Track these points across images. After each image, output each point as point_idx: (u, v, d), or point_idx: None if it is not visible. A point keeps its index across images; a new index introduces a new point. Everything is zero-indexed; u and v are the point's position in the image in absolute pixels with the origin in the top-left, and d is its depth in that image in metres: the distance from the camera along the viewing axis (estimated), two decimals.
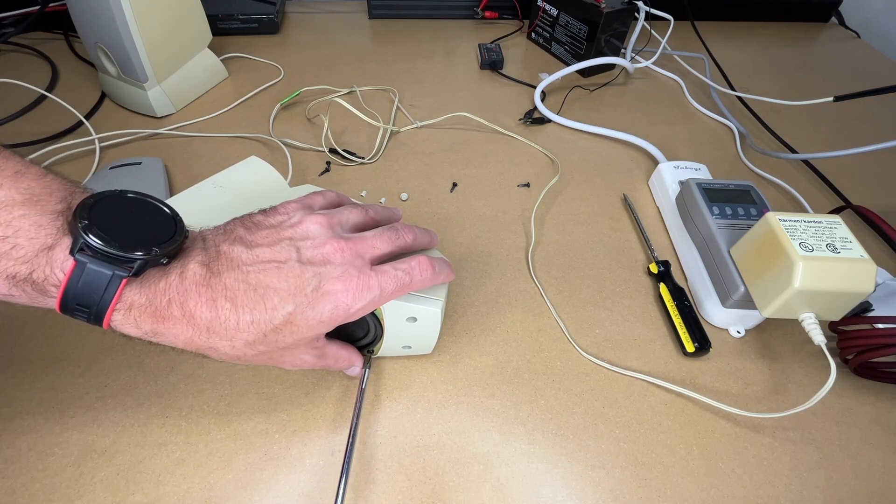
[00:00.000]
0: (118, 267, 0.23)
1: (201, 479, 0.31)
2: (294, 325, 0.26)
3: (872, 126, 0.65)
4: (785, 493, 0.32)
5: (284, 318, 0.25)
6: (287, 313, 0.25)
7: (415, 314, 0.32)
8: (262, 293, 0.25)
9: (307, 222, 0.28)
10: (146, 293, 0.24)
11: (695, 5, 0.81)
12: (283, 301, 0.25)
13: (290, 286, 0.26)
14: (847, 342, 0.37)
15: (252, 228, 0.28)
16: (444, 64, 0.73)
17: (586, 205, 0.51)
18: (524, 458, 0.33)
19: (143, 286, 0.24)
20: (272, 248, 0.27)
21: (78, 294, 0.22)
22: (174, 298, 0.24)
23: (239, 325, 0.25)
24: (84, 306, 0.23)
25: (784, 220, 0.35)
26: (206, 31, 0.61)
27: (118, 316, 0.24)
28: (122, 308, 0.23)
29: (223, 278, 0.25)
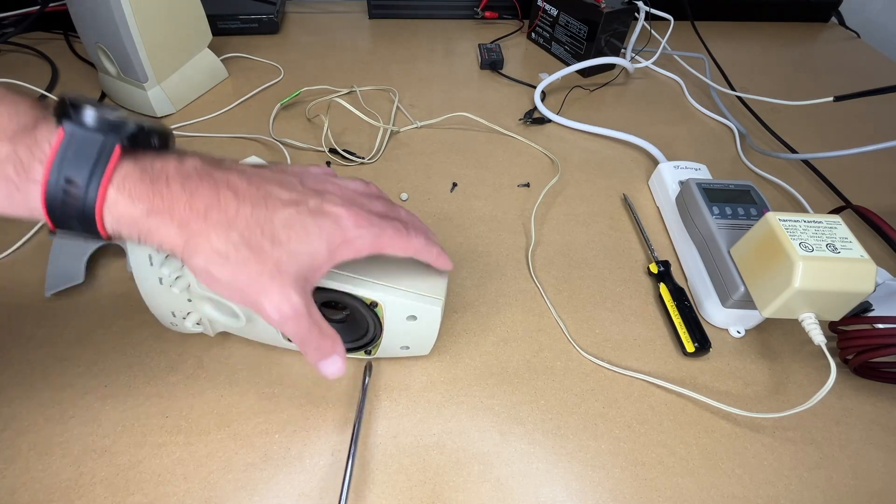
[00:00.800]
0: (109, 134, 0.21)
1: (201, 479, 0.31)
2: (291, 231, 0.24)
3: (872, 126, 0.65)
4: (785, 493, 0.32)
5: (284, 221, 0.24)
6: (288, 216, 0.24)
7: (415, 312, 0.31)
8: (264, 194, 0.24)
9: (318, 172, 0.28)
10: (141, 166, 0.22)
11: (695, 5, 0.81)
12: (284, 206, 0.24)
13: (293, 197, 0.25)
14: (847, 342, 0.37)
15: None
16: (444, 64, 0.73)
17: (586, 205, 0.51)
18: (524, 458, 0.33)
19: (138, 161, 0.22)
20: (274, 173, 0.26)
21: (68, 165, 0.20)
22: (173, 177, 0.22)
23: (238, 214, 0.23)
24: (74, 182, 0.20)
25: (784, 220, 0.35)
26: (206, 31, 0.61)
27: (112, 192, 0.21)
28: (117, 179, 0.21)
29: (226, 174, 0.24)
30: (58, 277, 0.39)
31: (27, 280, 0.40)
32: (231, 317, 0.33)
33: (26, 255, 0.41)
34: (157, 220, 0.22)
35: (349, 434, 0.33)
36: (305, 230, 0.24)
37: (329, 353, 0.27)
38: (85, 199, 0.21)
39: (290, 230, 0.24)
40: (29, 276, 0.40)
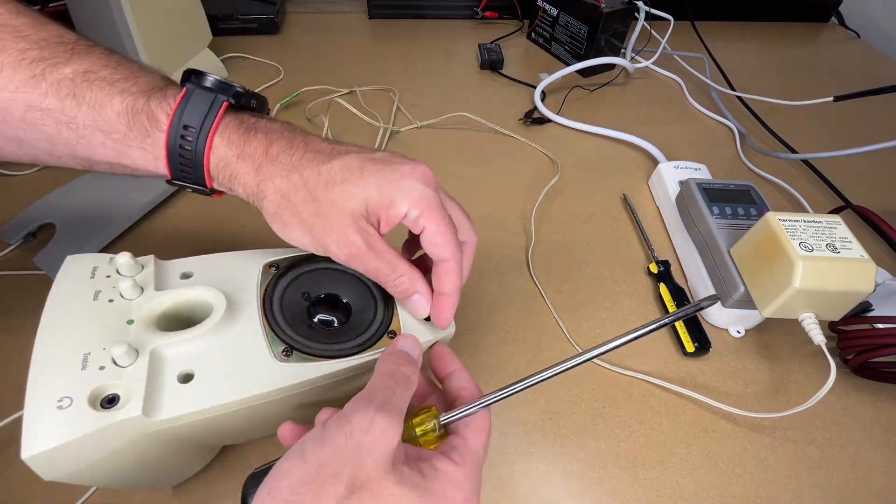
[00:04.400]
0: (218, 94, 0.25)
1: (201, 479, 0.31)
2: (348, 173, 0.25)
3: (872, 126, 0.65)
4: (785, 493, 0.32)
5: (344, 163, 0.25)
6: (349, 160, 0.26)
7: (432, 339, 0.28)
8: (336, 149, 0.27)
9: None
10: (240, 119, 0.26)
11: (695, 5, 0.81)
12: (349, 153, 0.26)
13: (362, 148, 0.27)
14: (847, 342, 0.37)
15: None
16: (444, 64, 0.73)
17: (586, 205, 0.51)
18: (524, 458, 0.33)
19: (238, 116, 0.26)
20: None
21: (186, 116, 0.24)
22: (261, 129, 0.26)
23: (303, 158, 0.26)
24: (189, 128, 0.24)
25: (784, 220, 0.35)
26: (206, 32, 0.61)
27: (217, 138, 0.25)
28: (222, 126, 0.25)
29: (306, 134, 0.27)
30: None
31: (28, 279, 0.40)
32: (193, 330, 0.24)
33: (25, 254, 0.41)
34: (243, 164, 0.25)
35: None
36: (362, 171, 0.25)
37: (409, 292, 0.27)
38: (196, 143, 0.24)
39: (347, 171, 0.25)
40: (29, 277, 0.40)
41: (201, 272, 0.27)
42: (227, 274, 0.27)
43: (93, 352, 0.22)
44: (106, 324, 0.23)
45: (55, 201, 0.44)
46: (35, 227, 0.42)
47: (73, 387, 0.21)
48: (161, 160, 0.25)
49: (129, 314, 0.24)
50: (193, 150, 0.25)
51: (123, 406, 0.21)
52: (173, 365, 0.23)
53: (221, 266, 0.27)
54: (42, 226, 0.43)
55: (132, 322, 0.23)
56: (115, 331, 0.23)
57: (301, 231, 0.25)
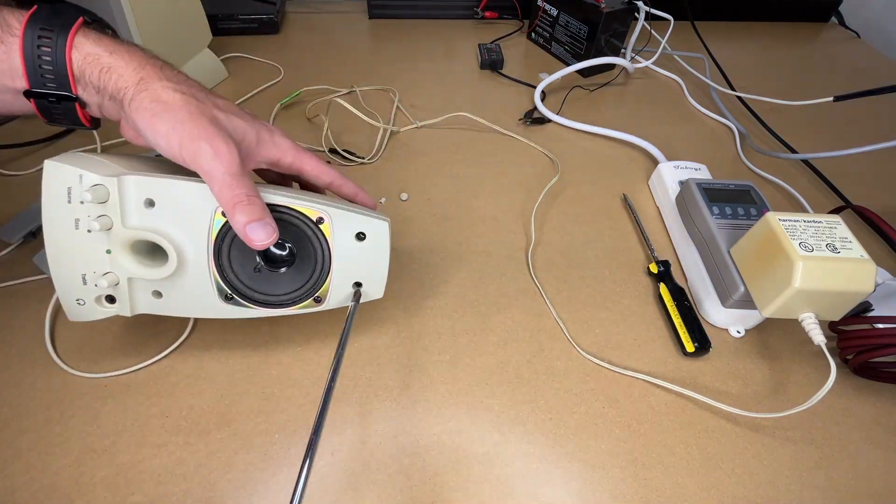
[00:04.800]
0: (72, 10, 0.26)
1: (201, 479, 0.31)
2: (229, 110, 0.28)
3: (872, 126, 0.65)
4: (785, 494, 0.32)
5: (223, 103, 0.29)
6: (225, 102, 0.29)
7: (363, 228, 0.31)
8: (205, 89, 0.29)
9: None
10: (100, 30, 0.27)
11: (695, 5, 0.81)
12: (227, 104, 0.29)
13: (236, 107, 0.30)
14: (847, 342, 0.37)
15: None
16: (444, 64, 0.73)
17: (586, 205, 0.51)
18: (524, 458, 0.33)
19: (99, 29, 0.27)
20: None
21: (41, 21, 0.25)
22: (129, 45, 0.27)
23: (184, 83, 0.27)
24: (47, 31, 0.25)
25: (784, 220, 0.35)
26: (206, 31, 0.61)
27: (79, 37, 0.25)
28: (82, 32, 0.25)
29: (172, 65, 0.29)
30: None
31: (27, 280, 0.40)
32: (158, 266, 0.30)
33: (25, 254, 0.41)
34: (118, 59, 0.26)
35: (349, 434, 0.33)
36: (242, 116, 0.29)
37: (257, 215, 0.27)
38: (56, 43, 0.25)
39: (230, 109, 0.28)
40: (28, 275, 0.40)
41: (163, 202, 0.29)
42: (184, 212, 0.29)
43: (87, 273, 0.30)
44: (90, 252, 0.29)
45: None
46: (35, 227, 0.42)
47: (83, 294, 0.31)
48: (17, 69, 0.25)
49: (107, 244, 0.29)
50: (54, 50, 0.25)
51: (117, 305, 0.32)
52: (145, 286, 0.31)
53: (180, 200, 0.29)
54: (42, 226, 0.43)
55: (109, 252, 0.30)
56: (99, 259, 0.30)
57: (171, 125, 0.26)
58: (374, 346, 0.38)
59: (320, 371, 0.36)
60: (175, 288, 0.31)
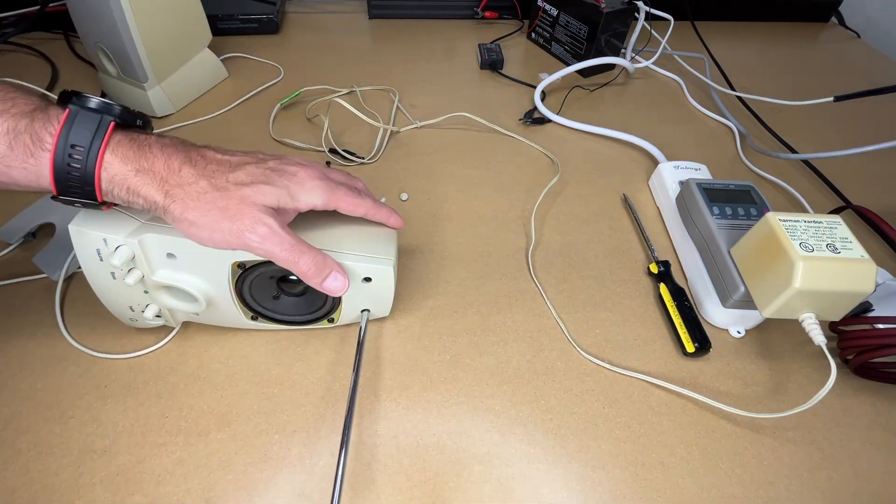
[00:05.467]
0: (104, 114, 0.26)
1: (201, 479, 0.31)
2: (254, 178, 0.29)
3: (872, 126, 0.65)
4: (785, 494, 0.32)
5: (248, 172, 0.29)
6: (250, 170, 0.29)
7: (369, 274, 0.33)
8: (229, 158, 0.29)
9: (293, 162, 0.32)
10: (130, 136, 0.27)
11: (695, 5, 0.81)
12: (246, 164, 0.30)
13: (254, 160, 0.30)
14: (847, 342, 0.37)
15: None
16: (444, 64, 0.73)
17: (586, 205, 0.51)
18: (524, 459, 0.33)
19: (127, 133, 0.27)
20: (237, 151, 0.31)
21: (73, 135, 0.25)
22: (154, 144, 0.27)
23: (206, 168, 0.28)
24: (77, 147, 0.25)
25: (784, 220, 0.35)
26: (206, 31, 0.61)
27: (108, 155, 0.26)
28: (112, 144, 0.26)
29: (198, 147, 0.29)
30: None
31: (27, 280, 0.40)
32: (190, 302, 0.33)
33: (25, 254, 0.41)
34: (142, 177, 0.26)
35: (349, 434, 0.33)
36: (266, 178, 0.29)
37: (327, 270, 0.31)
38: (86, 161, 0.25)
39: (253, 178, 0.29)
40: (28, 275, 0.40)
41: (182, 255, 0.31)
42: (202, 263, 0.32)
43: (133, 305, 0.34)
44: (131, 293, 0.33)
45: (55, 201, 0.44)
46: (35, 227, 0.42)
47: (133, 315, 0.35)
48: (45, 178, 0.25)
49: (143, 288, 0.33)
50: (83, 168, 0.25)
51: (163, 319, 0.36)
52: (182, 312, 0.35)
53: (196, 254, 0.31)
54: (42, 226, 0.43)
55: (147, 292, 0.33)
56: (140, 296, 0.34)
57: (211, 230, 0.27)
58: (374, 347, 0.38)
59: (320, 372, 0.36)
60: (209, 311, 0.35)
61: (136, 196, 0.26)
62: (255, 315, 0.36)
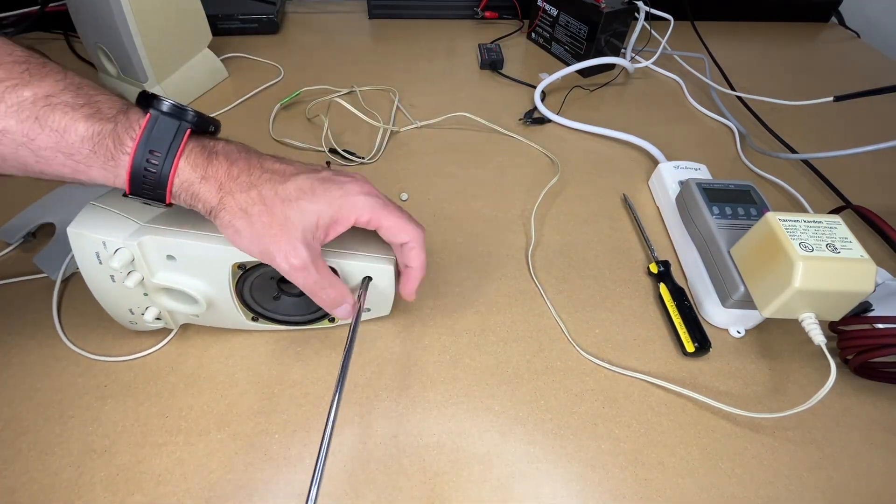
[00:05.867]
0: (181, 121, 0.27)
1: (201, 479, 0.31)
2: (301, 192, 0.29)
3: (872, 126, 0.65)
4: (785, 494, 0.32)
5: (297, 185, 0.29)
6: (301, 181, 0.29)
7: (370, 273, 0.34)
8: (288, 170, 0.30)
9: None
10: (202, 143, 0.28)
11: (695, 5, 0.81)
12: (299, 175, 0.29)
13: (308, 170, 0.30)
14: (847, 342, 0.37)
15: None
16: (444, 64, 0.73)
17: (586, 205, 0.51)
18: (524, 459, 0.33)
19: (199, 140, 0.28)
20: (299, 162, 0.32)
21: (152, 141, 0.26)
22: (221, 152, 0.28)
23: (261, 178, 0.28)
24: (155, 153, 0.26)
25: (784, 220, 0.35)
26: (206, 31, 0.61)
27: (182, 162, 0.27)
28: (186, 151, 0.27)
29: (260, 155, 0.30)
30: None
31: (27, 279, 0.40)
32: (190, 304, 0.33)
33: (25, 255, 0.41)
34: (206, 184, 0.27)
35: (349, 434, 0.33)
36: (313, 191, 0.29)
37: (337, 303, 0.31)
38: (162, 168, 0.26)
39: (301, 191, 0.29)
40: (28, 275, 0.40)
41: (182, 257, 0.31)
42: (202, 265, 0.32)
43: (132, 308, 0.34)
44: (131, 296, 0.33)
45: (55, 201, 0.44)
46: (35, 227, 0.42)
47: (133, 318, 0.35)
48: (121, 179, 0.26)
49: (142, 290, 0.33)
50: (159, 173, 0.26)
51: (163, 321, 0.36)
52: (182, 314, 0.35)
53: (196, 256, 0.31)
54: (42, 226, 0.43)
55: (147, 294, 0.33)
56: (140, 299, 0.33)
57: (250, 240, 0.28)
58: (375, 346, 0.38)
59: (320, 371, 0.36)
60: (209, 313, 0.35)
61: (197, 200, 0.27)
62: (256, 316, 0.36)
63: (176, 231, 0.31)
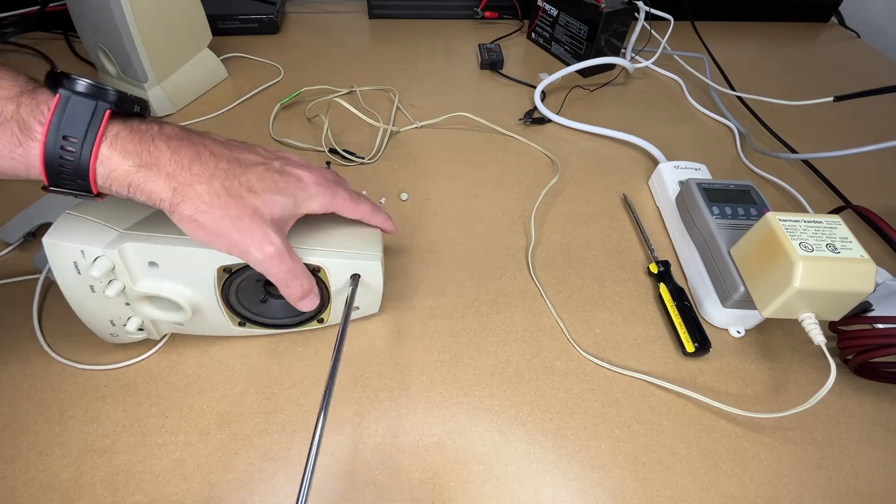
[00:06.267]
0: (99, 101, 0.24)
1: (201, 479, 0.31)
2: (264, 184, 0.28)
3: (872, 126, 0.65)
4: (785, 494, 0.32)
5: (257, 175, 0.28)
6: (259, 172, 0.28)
7: (357, 270, 0.33)
8: (236, 155, 0.28)
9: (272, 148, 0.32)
10: (129, 126, 0.25)
11: (695, 5, 0.81)
12: (255, 164, 0.29)
13: (260, 159, 0.29)
14: (847, 342, 0.37)
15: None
16: (444, 64, 0.73)
17: (586, 205, 0.51)
18: (524, 459, 0.33)
19: (126, 123, 0.25)
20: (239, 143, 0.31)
21: (65, 125, 0.23)
22: (157, 136, 0.26)
23: (217, 167, 0.27)
24: (70, 139, 0.23)
25: (784, 220, 0.35)
26: (206, 31, 0.61)
27: (105, 148, 0.24)
28: (109, 136, 0.24)
29: (201, 138, 0.28)
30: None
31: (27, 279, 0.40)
32: (175, 311, 0.33)
33: (25, 255, 0.41)
34: (146, 173, 0.25)
35: (349, 434, 0.33)
36: (275, 183, 0.29)
37: (307, 293, 0.31)
38: (80, 155, 0.23)
39: (263, 182, 0.28)
40: (29, 275, 0.40)
41: (165, 264, 0.30)
42: (186, 271, 0.31)
43: (114, 319, 0.33)
44: (112, 307, 0.32)
45: (55, 201, 0.44)
46: (35, 227, 0.42)
47: (114, 330, 0.34)
48: (36, 169, 0.24)
49: (124, 300, 0.32)
50: (77, 161, 0.23)
51: (146, 332, 0.35)
52: (167, 323, 0.34)
53: (180, 262, 0.30)
54: (42, 226, 0.43)
55: (129, 304, 0.32)
56: (121, 309, 0.32)
57: (216, 236, 0.27)
58: (374, 347, 0.38)
59: (320, 371, 0.36)
60: (194, 320, 0.34)
61: (139, 192, 0.25)
62: (243, 321, 0.35)
63: (158, 237, 0.29)
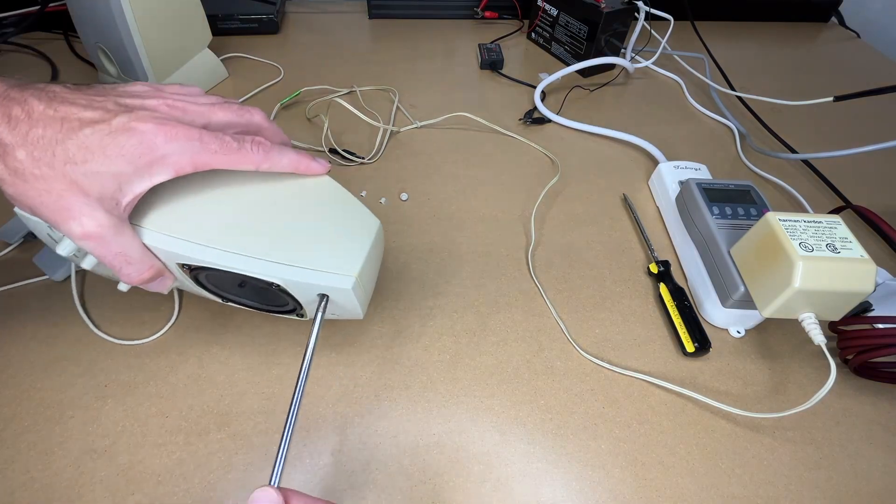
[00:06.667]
0: None
1: (201, 479, 0.31)
2: (88, 153, 0.23)
3: (872, 126, 0.65)
4: (785, 493, 0.32)
5: (80, 142, 0.23)
6: (84, 137, 0.23)
7: (324, 291, 0.28)
8: (62, 115, 0.24)
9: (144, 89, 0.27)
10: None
11: (695, 5, 0.81)
12: (82, 126, 0.24)
13: (95, 117, 0.24)
14: (847, 342, 0.37)
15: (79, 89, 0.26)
16: (444, 64, 0.73)
17: (586, 205, 0.51)
18: (524, 459, 0.33)
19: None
20: (84, 93, 0.25)
21: None
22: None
23: (29, 134, 0.23)
24: None
25: (784, 220, 0.35)
26: (206, 31, 0.61)
27: None
28: None
29: (24, 95, 0.23)
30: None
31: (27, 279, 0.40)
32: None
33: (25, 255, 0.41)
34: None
35: (349, 434, 0.33)
36: (103, 150, 0.24)
37: (149, 279, 0.27)
38: None
39: (87, 151, 0.23)
40: (29, 275, 0.40)
41: None
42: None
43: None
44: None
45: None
46: None
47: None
48: None
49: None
50: None
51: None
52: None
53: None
54: None
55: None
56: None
57: (31, 209, 0.24)
58: (374, 346, 0.38)
59: (320, 371, 0.36)
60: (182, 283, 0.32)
61: None
62: (226, 300, 0.33)
63: None
